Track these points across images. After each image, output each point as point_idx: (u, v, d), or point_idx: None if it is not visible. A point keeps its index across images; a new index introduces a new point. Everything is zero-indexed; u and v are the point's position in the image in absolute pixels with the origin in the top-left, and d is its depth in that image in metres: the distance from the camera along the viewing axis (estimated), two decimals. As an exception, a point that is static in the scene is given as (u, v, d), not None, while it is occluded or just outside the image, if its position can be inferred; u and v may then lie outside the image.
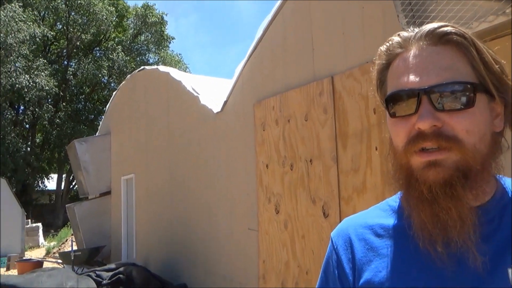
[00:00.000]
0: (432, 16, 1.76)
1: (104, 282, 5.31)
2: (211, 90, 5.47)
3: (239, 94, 4.32)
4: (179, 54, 27.58)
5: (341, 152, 2.96)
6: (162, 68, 6.56)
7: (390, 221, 0.77)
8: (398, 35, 0.72)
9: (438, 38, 0.67)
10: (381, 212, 0.80)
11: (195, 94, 5.22)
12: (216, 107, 4.75)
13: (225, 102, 4.54)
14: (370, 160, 2.70)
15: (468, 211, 0.64)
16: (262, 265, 3.85)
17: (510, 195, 0.69)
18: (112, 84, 21.34)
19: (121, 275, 5.36)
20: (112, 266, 5.83)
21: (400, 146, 0.68)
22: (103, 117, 9.68)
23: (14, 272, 8.24)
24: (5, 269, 9.64)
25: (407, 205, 0.70)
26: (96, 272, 5.58)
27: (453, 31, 0.67)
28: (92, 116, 22.48)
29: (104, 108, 10.57)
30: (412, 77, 0.67)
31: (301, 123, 3.37)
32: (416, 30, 0.70)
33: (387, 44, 0.73)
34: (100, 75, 20.23)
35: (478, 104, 0.65)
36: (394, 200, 0.79)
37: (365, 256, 0.76)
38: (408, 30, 0.71)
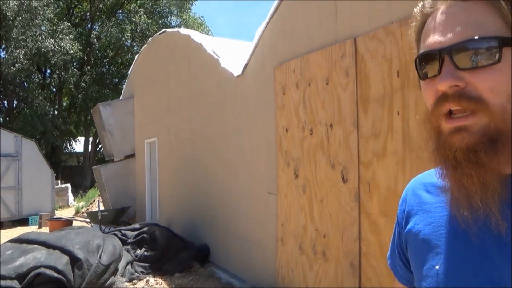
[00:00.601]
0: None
1: (129, 241, 5.55)
2: (232, 53, 5.39)
3: (260, 57, 4.24)
4: (202, 17, 27.12)
5: (362, 116, 2.89)
6: (182, 30, 6.49)
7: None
8: None
9: None
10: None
11: (216, 57, 5.16)
12: (236, 70, 4.69)
13: (246, 66, 4.48)
14: (392, 125, 2.63)
15: (492, 177, 0.62)
16: (280, 228, 3.91)
17: None
18: (135, 48, 21.35)
19: (145, 235, 5.58)
20: (137, 226, 6.07)
21: (430, 108, 0.67)
22: (126, 80, 9.76)
23: (45, 229, 8.70)
24: (37, 226, 10.18)
25: (439, 171, 0.70)
26: (122, 231, 5.82)
27: None
28: (116, 80, 22.72)
29: (128, 72, 10.64)
30: (437, 37, 0.65)
31: (322, 87, 3.30)
32: None
33: (420, 4, 0.71)
34: (123, 39, 20.24)
35: (506, 60, 0.61)
36: None
37: (412, 209, 0.82)
38: None
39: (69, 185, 15.46)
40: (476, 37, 0.61)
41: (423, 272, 0.74)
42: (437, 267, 0.71)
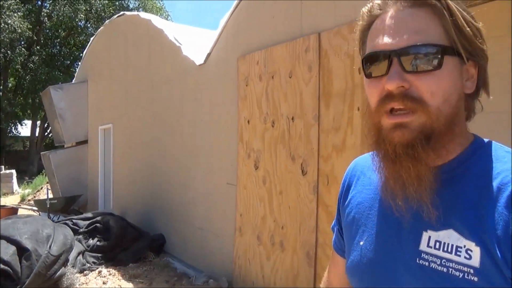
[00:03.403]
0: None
1: (81, 230, 5.35)
2: (194, 41, 5.30)
3: (223, 47, 4.20)
4: (161, 1, 26.35)
5: (323, 111, 2.95)
6: (143, 14, 6.28)
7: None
8: None
9: (414, 0, 0.69)
10: None
11: (177, 44, 5.05)
12: (199, 59, 4.62)
13: (208, 55, 4.42)
14: (352, 120, 2.71)
15: (426, 171, 0.68)
16: (239, 219, 3.93)
17: (482, 156, 0.71)
18: (90, 29, 20.39)
19: (98, 224, 5.40)
20: (89, 215, 5.86)
21: (373, 106, 0.72)
22: (79, 63, 9.32)
23: (-12, 217, 8.17)
24: (-22, 214, 9.55)
25: (376, 162, 0.76)
26: (73, 220, 5.60)
27: None
28: (68, 62, 21.63)
29: (81, 54, 10.16)
30: (385, 39, 0.69)
31: (285, 80, 3.33)
32: None
33: (369, 5, 0.75)
34: (76, 19, 19.25)
35: (446, 66, 0.67)
36: None
37: (349, 187, 0.90)
38: None
39: (13, 171, 14.62)
40: (423, 44, 0.66)
41: (351, 246, 0.83)
42: (361, 243, 0.80)
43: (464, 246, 0.65)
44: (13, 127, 21.36)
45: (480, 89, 0.74)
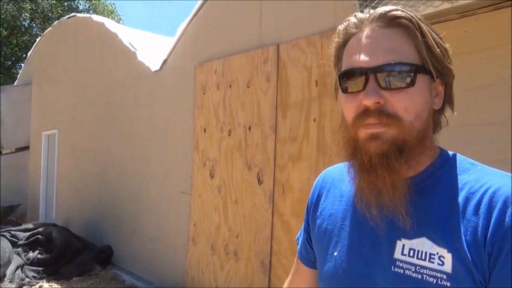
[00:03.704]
0: (383, -6, 1.81)
1: (20, 242, 5.01)
2: (149, 47, 5.20)
3: (181, 54, 4.16)
4: (113, 4, 25.62)
5: (280, 121, 3.01)
6: (95, 17, 6.08)
7: (346, 177, 0.87)
8: (355, 16, 0.78)
9: (388, 21, 0.73)
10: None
11: (132, 49, 4.93)
12: (154, 65, 4.55)
13: (165, 61, 4.36)
14: (308, 130, 2.78)
15: (400, 181, 0.71)
16: (192, 228, 3.87)
17: (449, 167, 0.76)
18: (35, 29, 19.35)
19: (39, 236, 5.08)
20: (30, 226, 5.50)
21: (350, 120, 0.75)
22: (22, 64, 8.80)
23: None
24: None
25: (350, 173, 0.78)
26: (11, 231, 5.23)
27: (402, 15, 0.73)
28: (9, 63, 20.35)
29: (24, 55, 9.61)
30: (362, 57, 0.73)
31: (242, 90, 3.36)
32: (371, 12, 0.76)
33: (345, 23, 0.79)
34: (21, 18, 18.23)
35: (418, 84, 0.72)
36: None
37: (320, 198, 0.91)
38: (364, 12, 0.77)
39: None
40: (397, 62, 0.70)
41: (325, 256, 0.85)
42: (335, 253, 0.81)
43: (437, 253, 0.68)
44: None
45: (446, 105, 0.79)
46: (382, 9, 0.75)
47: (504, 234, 0.65)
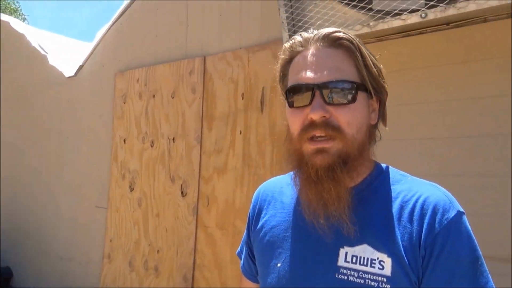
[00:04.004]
0: (309, 15, 1.93)
1: None
2: (60, 51, 4.86)
3: (99, 60, 3.96)
4: (17, 2, 23.50)
5: (205, 133, 3.00)
6: (1, 16, 5.53)
7: (289, 188, 0.91)
8: (300, 35, 0.83)
9: (332, 42, 0.79)
10: (288, 179, 0.93)
11: (43, 52, 4.57)
12: (67, 70, 4.26)
13: (81, 67, 4.11)
14: (234, 143, 2.82)
15: (344, 191, 0.76)
16: (108, 244, 3.65)
17: (383, 178, 0.83)
18: None
19: None
20: None
21: (296, 133, 0.79)
22: None
23: None
24: None
25: (296, 185, 0.82)
26: None
27: (344, 36, 0.79)
28: None
29: None
30: (309, 73, 0.77)
31: (167, 100, 3.29)
32: (315, 32, 0.81)
33: (291, 42, 0.83)
34: None
35: (359, 100, 0.78)
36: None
37: (261, 211, 0.93)
38: (308, 32, 0.83)
39: None
40: (341, 80, 0.76)
41: (267, 269, 0.86)
42: (279, 264, 0.83)
43: (378, 258, 0.73)
44: None
45: (379, 120, 0.87)
46: (326, 30, 0.81)
47: (434, 238, 0.72)
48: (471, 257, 0.73)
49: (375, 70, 0.81)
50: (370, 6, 1.75)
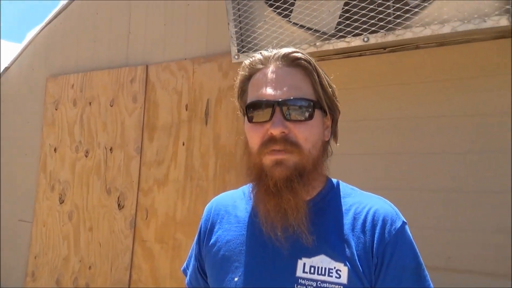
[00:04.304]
0: (258, 32, 1.98)
1: None
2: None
3: (29, 63, 3.69)
4: None
5: (146, 143, 2.92)
6: None
7: (242, 202, 0.92)
8: (260, 53, 0.86)
9: (290, 61, 0.83)
10: (241, 194, 0.95)
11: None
12: (-9, 72, 3.91)
13: (6, 69, 3.80)
14: (176, 154, 2.77)
15: (302, 202, 0.79)
16: (32, 261, 3.37)
17: (335, 192, 0.88)
18: None
19: None
20: None
21: (255, 147, 0.81)
22: None
23: None
24: None
25: (255, 198, 0.83)
26: None
27: (302, 57, 0.83)
28: None
29: None
30: (269, 90, 0.80)
31: (105, 108, 3.15)
32: (275, 51, 0.85)
33: (251, 59, 0.86)
34: None
35: (315, 118, 0.82)
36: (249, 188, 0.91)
37: (214, 226, 0.93)
38: (268, 50, 0.86)
39: None
40: (300, 98, 0.80)
41: (223, 283, 0.85)
42: (236, 279, 0.83)
43: (335, 268, 0.77)
44: None
45: (331, 137, 0.92)
46: (285, 50, 0.84)
47: (384, 247, 0.78)
48: (414, 263, 0.80)
49: (330, 89, 0.86)
50: (316, 28, 1.84)
